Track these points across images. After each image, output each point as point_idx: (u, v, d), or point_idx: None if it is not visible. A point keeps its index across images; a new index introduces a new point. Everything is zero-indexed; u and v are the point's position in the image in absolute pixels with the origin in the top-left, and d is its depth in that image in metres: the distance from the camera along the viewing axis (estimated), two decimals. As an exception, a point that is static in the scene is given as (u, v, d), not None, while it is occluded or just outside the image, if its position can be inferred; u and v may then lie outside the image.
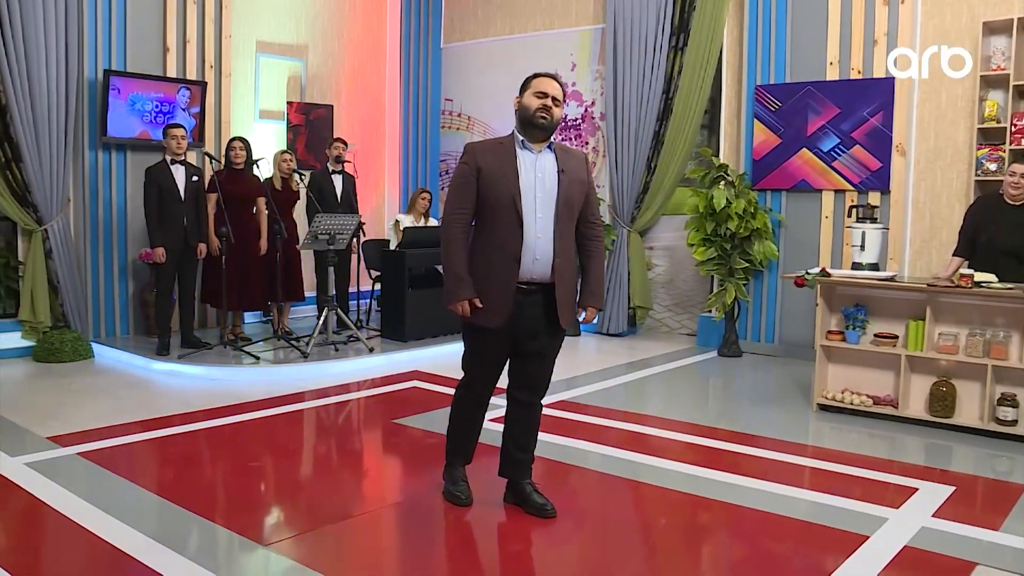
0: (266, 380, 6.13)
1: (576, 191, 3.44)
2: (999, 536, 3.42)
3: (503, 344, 3.46)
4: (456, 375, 3.73)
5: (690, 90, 7.67)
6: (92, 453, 4.30)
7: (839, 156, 6.94)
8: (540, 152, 3.41)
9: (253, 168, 6.92)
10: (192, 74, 7.56)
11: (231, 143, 6.93)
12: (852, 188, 6.91)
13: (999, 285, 4.72)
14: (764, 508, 3.71)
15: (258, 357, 6.56)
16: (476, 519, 3.58)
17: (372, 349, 6.93)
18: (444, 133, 10.07)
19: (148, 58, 7.29)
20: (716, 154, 7.75)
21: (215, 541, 3.34)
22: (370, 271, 8.22)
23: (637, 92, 7.96)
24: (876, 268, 5.67)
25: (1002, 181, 5.24)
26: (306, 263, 7.61)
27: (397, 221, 8.06)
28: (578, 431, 4.88)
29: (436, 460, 3.90)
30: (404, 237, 7.54)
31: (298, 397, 5.68)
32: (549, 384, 3.64)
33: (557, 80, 3.44)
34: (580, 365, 6.82)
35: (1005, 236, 5.05)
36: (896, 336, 5.20)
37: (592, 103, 8.77)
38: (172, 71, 7.43)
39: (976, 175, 6.28)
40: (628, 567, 3.18)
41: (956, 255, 5.36)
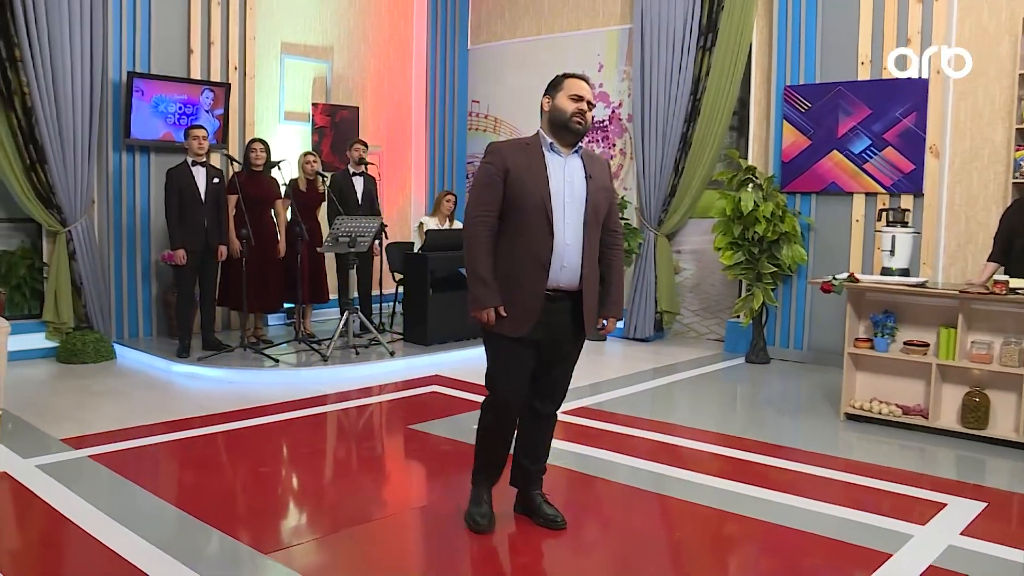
0: (285, 383, 6.10)
1: (603, 198, 3.34)
2: (1031, 557, 3.25)
3: (530, 353, 3.31)
4: (476, 379, 3.62)
5: (718, 91, 7.53)
6: (103, 456, 4.29)
7: (870, 158, 6.75)
8: (568, 156, 3.30)
9: (273, 170, 6.90)
10: (216, 76, 7.57)
11: (252, 144, 6.92)
12: (884, 191, 6.72)
13: (1035, 292, 4.54)
14: (787, 523, 3.58)
15: (277, 360, 6.53)
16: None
17: (392, 353, 6.87)
18: (471, 135, 10.01)
19: (172, 60, 7.31)
20: (744, 156, 7.60)
21: (222, 547, 3.28)
22: (393, 274, 8.17)
23: (665, 93, 7.83)
24: (907, 273, 5.49)
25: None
26: (328, 266, 7.58)
27: (421, 223, 8.00)
28: (602, 440, 4.77)
29: (450, 467, 3.83)
30: (427, 240, 7.49)
31: (317, 401, 5.63)
32: (567, 393, 3.55)
33: (588, 82, 3.34)
34: (605, 370, 6.72)
35: (1042, 241, 4.87)
36: (927, 344, 5.02)
37: (619, 104, 8.65)
38: (196, 73, 7.45)
39: (1014, 177, 6.06)
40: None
41: (991, 260, 5.18)
